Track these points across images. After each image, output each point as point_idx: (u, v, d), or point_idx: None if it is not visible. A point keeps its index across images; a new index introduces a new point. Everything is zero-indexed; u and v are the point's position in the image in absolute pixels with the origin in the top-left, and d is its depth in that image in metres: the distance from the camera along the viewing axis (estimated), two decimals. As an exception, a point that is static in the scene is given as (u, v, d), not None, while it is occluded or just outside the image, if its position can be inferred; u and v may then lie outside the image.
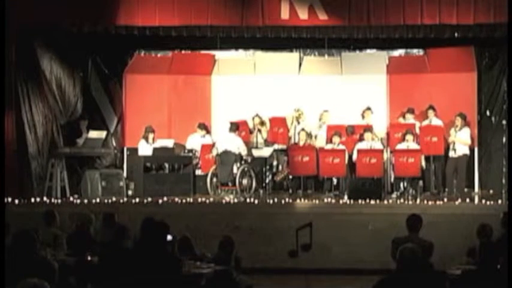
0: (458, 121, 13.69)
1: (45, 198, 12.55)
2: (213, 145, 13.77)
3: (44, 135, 13.41)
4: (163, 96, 15.27)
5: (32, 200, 12.43)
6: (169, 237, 7.06)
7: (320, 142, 14.18)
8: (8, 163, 11.81)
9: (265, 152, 13.67)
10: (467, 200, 12.59)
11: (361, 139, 13.73)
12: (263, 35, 13.67)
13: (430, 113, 14.05)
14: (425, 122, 14.11)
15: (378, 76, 15.08)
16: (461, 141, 13.63)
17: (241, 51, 15.79)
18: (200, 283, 6.94)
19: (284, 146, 14.31)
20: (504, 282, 5.77)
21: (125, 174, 14.20)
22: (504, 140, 13.99)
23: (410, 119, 14.25)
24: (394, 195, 13.23)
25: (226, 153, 13.28)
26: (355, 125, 14.16)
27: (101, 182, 13.09)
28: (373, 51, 15.44)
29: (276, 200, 12.55)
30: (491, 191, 13.84)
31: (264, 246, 11.40)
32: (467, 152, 13.80)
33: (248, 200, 12.70)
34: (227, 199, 12.86)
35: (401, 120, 14.43)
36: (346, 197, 12.63)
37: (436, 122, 14.02)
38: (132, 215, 10.34)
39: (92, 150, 13.83)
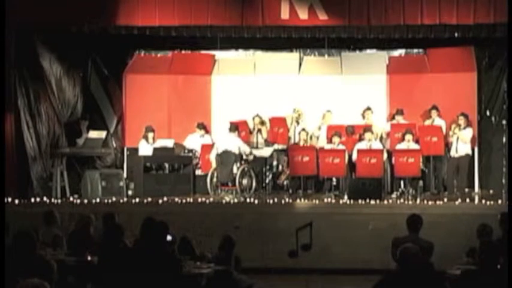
0: (462, 120, 13.68)
1: (45, 198, 12.54)
2: (213, 145, 13.74)
3: (45, 135, 13.41)
4: (163, 96, 15.26)
5: (32, 200, 12.43)
6: (169, 237, 7.06)
7: (320, 142, 14.19)
8: (8, 163, 11.80)
9: (265, 152, 13.66)
10: (467, 200, 12.59)
11: (361, 139, 13.74)
12: (263, 35, 13.66)
13: (434, 113, 14.04)
14: (428, 122, 14.12)
15: (378, 76, 15.08)
16: (464, 138, 13.62)
17: (241, 51, 15.79)
18: (200, 283, 6.94)
19: (284, 146, 14.30)
20: (504, 282, 5.77)
21: (125, 174, 14.19)
22: (504, 140, 13.97)
23: (400, 120, 14.24)
24: (394, 195, 13.24)
25: (226, 153, 13.26)
26: (355, 125, 14.15)
27: (101, 182, 13.07)
28: (373, 51, 15.43)
29: (276, 200, 12.54)
30: (491, 191, 13.84)
31: (264, 246, 11.39)
32: (470, 152, 13.80)
33: (248, 200, 12.70)
34: (227, 199, 12.85)
35: (393, 122, 14.39)
36: (346, 197, 12.61)
37: (438, 122, 14.02)
38: (132, 215, 10.34)
39: (92, 150, 13.81)
